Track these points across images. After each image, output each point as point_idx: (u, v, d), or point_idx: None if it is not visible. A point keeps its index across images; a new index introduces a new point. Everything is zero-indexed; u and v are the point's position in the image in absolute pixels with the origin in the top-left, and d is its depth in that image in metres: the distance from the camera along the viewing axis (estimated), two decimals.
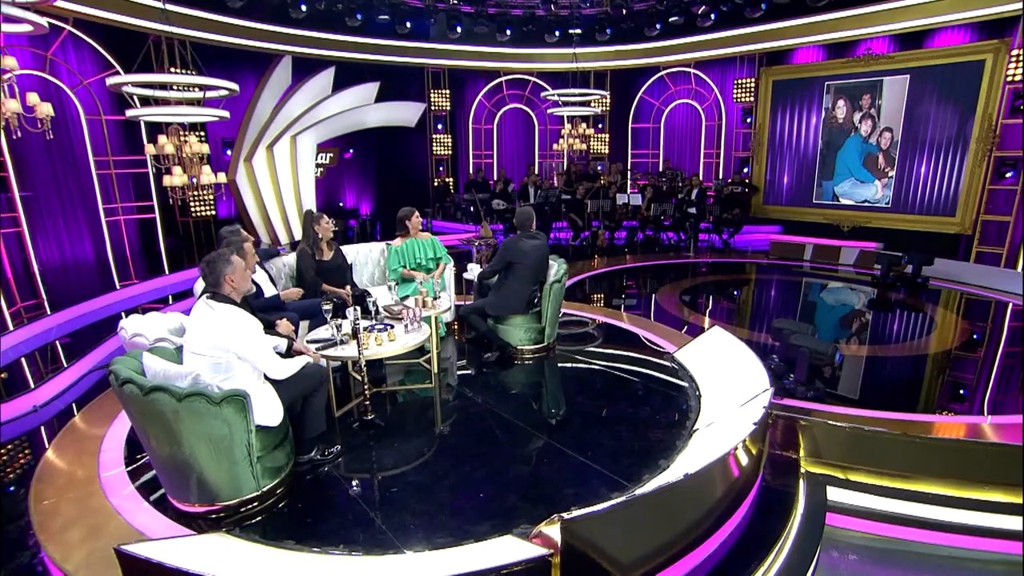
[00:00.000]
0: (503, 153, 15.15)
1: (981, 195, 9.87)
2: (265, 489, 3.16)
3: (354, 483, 3.40)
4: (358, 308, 3.92)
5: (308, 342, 4.09)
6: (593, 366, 5.12)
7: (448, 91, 14.18)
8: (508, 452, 3.72)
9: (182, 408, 2.81)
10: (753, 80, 12.72)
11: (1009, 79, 9.38)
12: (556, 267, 5.35)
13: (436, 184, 14.07)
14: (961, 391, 4.77)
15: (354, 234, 11.89)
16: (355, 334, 3.92)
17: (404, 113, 12.53)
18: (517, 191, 12.27)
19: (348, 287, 5.16)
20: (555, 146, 13.01)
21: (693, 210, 11.57)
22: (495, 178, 13.24)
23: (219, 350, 3.02)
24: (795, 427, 3.76)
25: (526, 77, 14.75)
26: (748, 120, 13.00)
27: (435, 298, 4.94)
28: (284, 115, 11.18)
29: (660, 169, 14.05)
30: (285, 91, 11.41)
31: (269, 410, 3.18)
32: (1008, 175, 9.55)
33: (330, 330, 4.15)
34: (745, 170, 13.15)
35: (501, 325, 5.26)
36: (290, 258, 5.42)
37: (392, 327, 4.24)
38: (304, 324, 4.73)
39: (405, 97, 13.10)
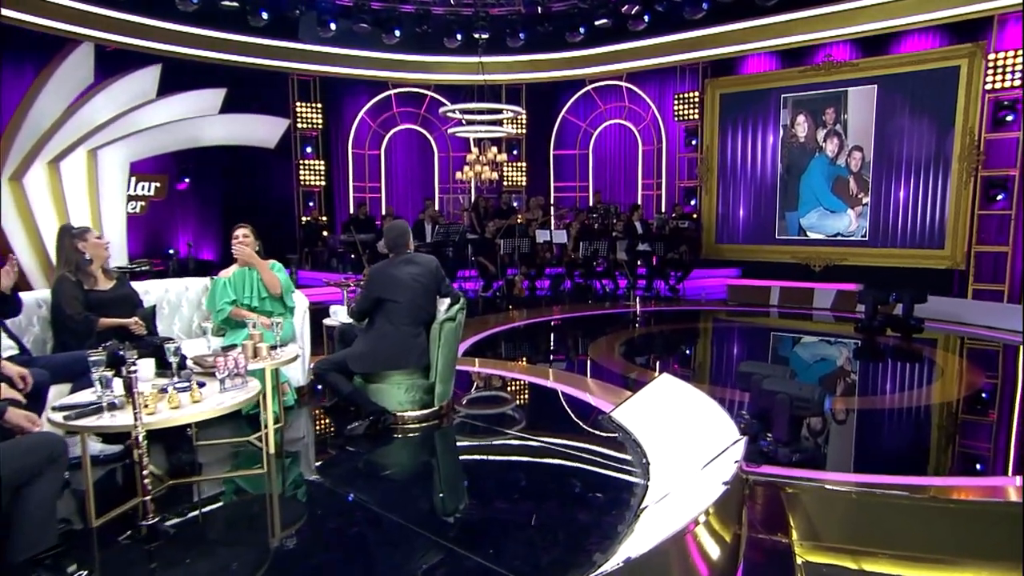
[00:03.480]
0: (394, 185, 14.98)
1: (971, 222, 10.30)
2: None
3: None
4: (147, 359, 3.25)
5: (56, 408, 3.35)
6: (504, 437, 4.74)
7: (320, 105, 13.90)
8: (385, 567, 3.09)
9: None
10: (697, 94, 13.09)
11: (988, 87, 9.98)
12: (447, 301, 4.99)
13: (305, 224, 13.52)
14: (977, 447, 4.80)
15: (168, 267, 11.05)
16: (128, 388, 3.21)
17: (260, 130, 12.09)
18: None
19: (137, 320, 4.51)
20: (459, 174, 12.81)
21: (645, 246, 11.61)
22: (383, 214, 12.85)
23: None
24: (781, 498, 3.56)
25: (421, 90, 14.75)
26: (693, 142, 13.34)
27: (274, 347, 4.33)
28: (79, 121, 10.41)
29: (590, 204, 14.08)
30: (84, 90, 10.68)
31: None
32: (999, 198, 10.03)
33: (96, 389, 3.41)
34: (692, 202, 13.36)
35: (373, 384, 4.76)
36: (42, 293, 4.65)
37: (201, 384, 3.57)
38: (56, 391, 3.92)
39: (263, 110, 12.66)
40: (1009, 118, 9.89)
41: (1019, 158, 9.84)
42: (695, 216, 13.16)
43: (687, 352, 8.10)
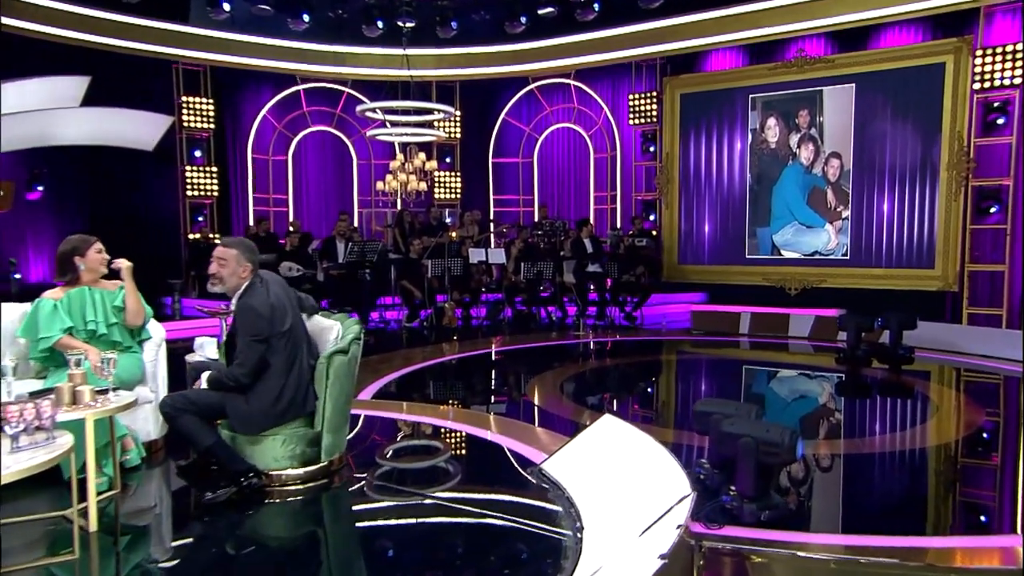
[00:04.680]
0: (304, 196, 14.75)
1: (963, 238, 10.40)
2: None
3: None
4: None
5: None
6: (408, 498, 4.45)
7: (212, 101, 13.49)
8: None
9: None
10: (655, 94, 13.13)
11: (977, 87, 10.14)
12: (337, 327, 4.65)
13: (193, 242, 13.03)
14: (981, 497, 4.81)
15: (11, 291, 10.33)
16: None
17: (135, 129, 11.53)
18: (319, 249, 11.56)
19: None
20: (380, 185, 12.52)
21: (595, 267, 11.58)
22: (289, 231, 12.46)
23: None
24: (745, 568, 3.40)
25: (336, 87, 14.56)
26: (651, 149, 13.37)
27: (104, 391, 3.87)
28: None
29: (536, 219, 14.03)
30: None
31: None
32: (992, 210, 10.15)
33: None
34: (651, 217, 13.36)
35: (243, 435, 4.29)
36: None
37: None
38: None
39: (139, 105, 12.07)
40: (1000, 121, 10.05)
41: (1012, 166, 9.98)
42: (654, 233, 13.14)
43: (643, 389, 8.13)
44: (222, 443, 4.25)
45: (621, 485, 4.03)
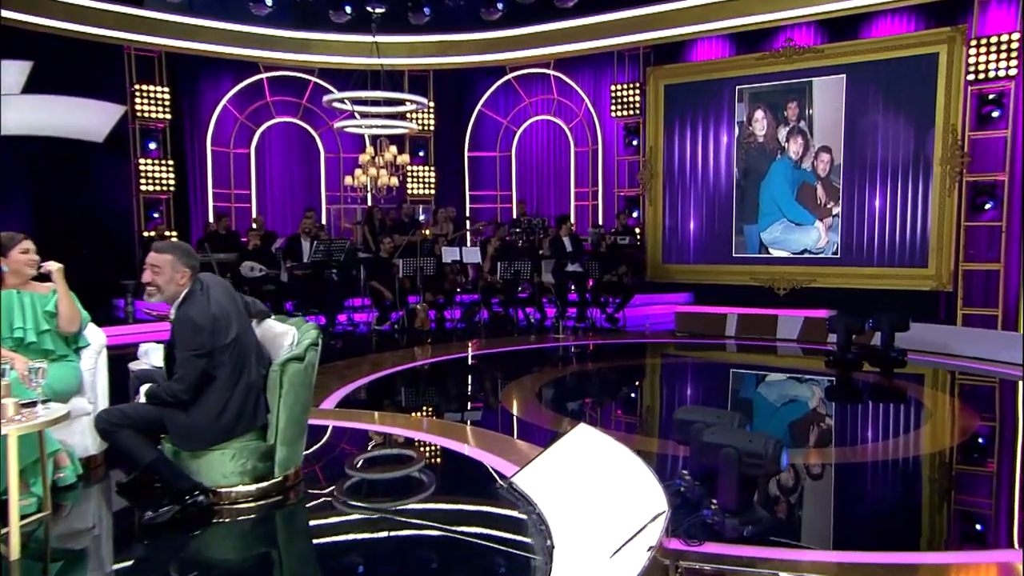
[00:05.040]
0: (268, 192, 14.60)
1: (957, 235, 10.42)
2: None
3: None
4: None
5: None
6: (369, 515, 4.39)
7: (168, 89, 13.26)
8: None
9: None
10: (638, 85, 13.08)
11: (971, 78, 10.15)
12: (292, 332, 4.52)
13: (148, 240, 12.73)
14: (977, 507, 4.79)
15: None
16: None
17: (84, 118, 11.46)
18: (283, 248, 11.39)
19: None
20: (349, 180, 12.37)
21: (575, 266, 11.51)
22: (254, 228, 12.31)
23: None
24: None
25: (302, 75, 14.41)
26: (634, 143, 13.35)
27: (31, 403, 3.73)
28: None
29: (514, 216, 13.97)
30: None
31: None
32: (987, 207, 10.17)
33: None
34: (634, 214, 13.32)
35: (187, 450, 4.16)
36: None
37: None
38: None
39: (88, 92, 12.04)
40: (995, 114, 10.09)
41: (1007, 160, 10.00)
42: (637, 231, 13.10)
43: (625, 395, 8.07)
44: (164, 459, 4.11)
45: (595, 500, 3.97)
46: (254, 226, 12.68)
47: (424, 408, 7.40)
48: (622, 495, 3.84)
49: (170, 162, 13.32)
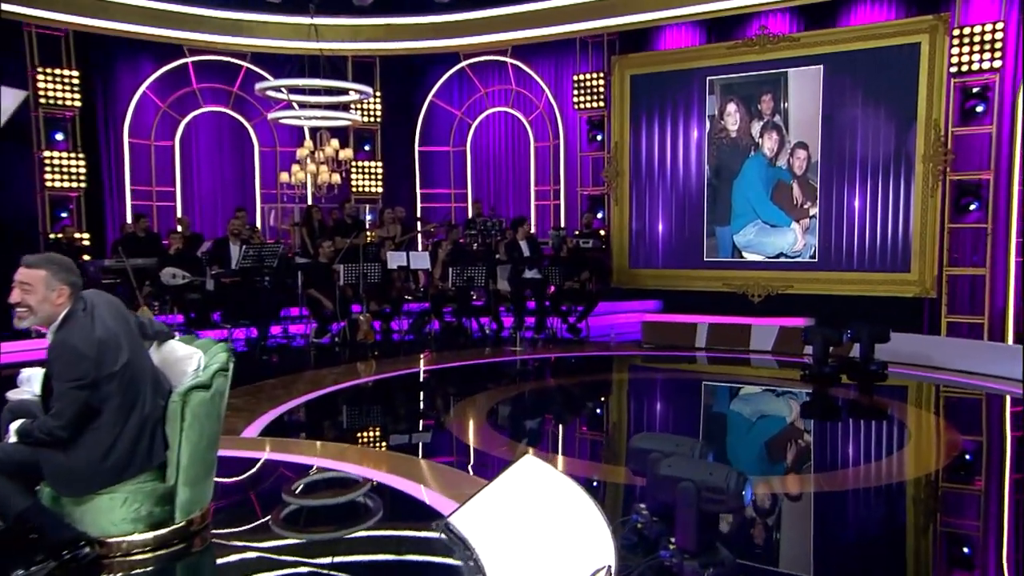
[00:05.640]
0: (195, 189, 14.37)
1: (940, 238, 10.46)
2: None
3: None
4: None
5: None
6: (286, 567, 4.23)
7: (77, 73, 12.88)
8: None
9: None
10: (602, 75, 13.00)
11: (954, 70, 10.18)
12: (198, 356, 4.31)
13: (55, 242, 12.48)
14: (966, 535, 4.84)
15: None
16: None
17: None
18: (209, 253, 11.16)
19: None
20: (285, 176, 12.18)
21: (533, 272, 11.42)
22: (177, 230, 12.08)
23: None
24: None
25: (233, 60, 14.11)
26: (598, 138, 13.28)
27: None
28: None
29: (469, 217, 13.89)
30: None
31: None
32: (972, 208, 10.21)
33: None
34: (599, 215, 13.27)
35: (69, 496, 4.00)
36: None
37: None
38: None
39: None
40: (979, 109, 10.12)
41: (992, 158, 10.07)
42: (602, 233, 13.05)
43: (585, 416, 8.00)
44: (39, 507, 3.85)
45: (537, 546, 3.90)
46: (178, 228, 12.47)
47: (364, 432, 7.28)
48: (568, 541, 3.79)
49: (80, 155, 12.97)
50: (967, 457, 6.14)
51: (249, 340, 10.41)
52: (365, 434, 7.20)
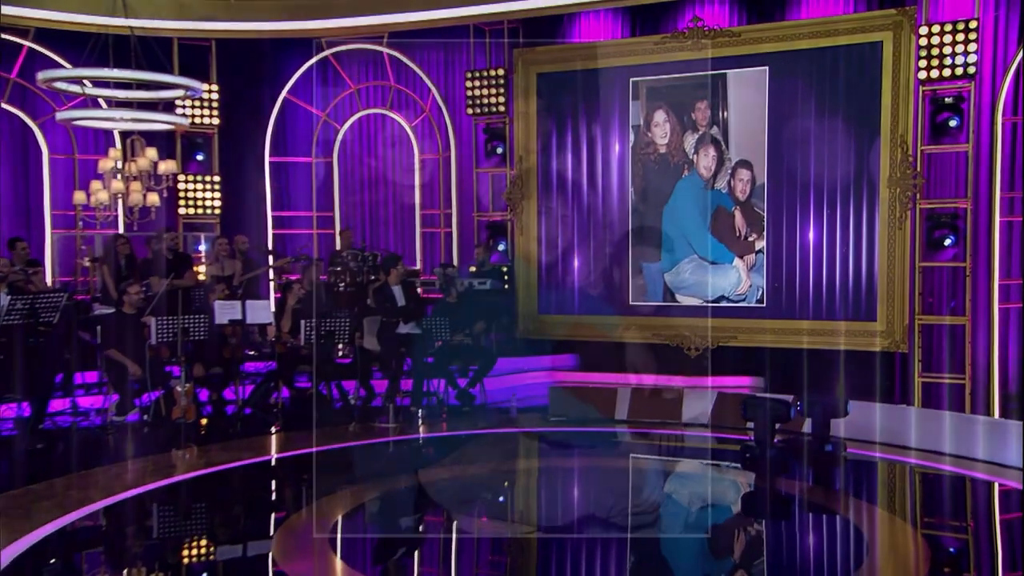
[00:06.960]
0: None
1: (912, 279, 10.43)
2: None
3: None
4: None
5: None
6: None
7: None
8: None
9: None
10: (502, 72, 12.84)
11: (922, 76, 10.20)
12: None
13: None
14: None
15: None
16: None
17: None
18: None
19: None
20: (81, 196, 11.51)
21: (409, 328, 11.09)
22: None
23: None
24: None
25: (11, 39, 13.22)
26: (499, 151, 13.06)
27: None
28: None
29: (337, 248, 13.59)
30: None
31: None
32: (947, 242, 10.19)
33: None
34: (500, 247, 13.06)
35: None
36: None
37: None
38: None
39: None
40: (953, 123, 10.14)
41: (969, 183, 10.10)
42: (504, 270, 12.81)
43: (464, 530, 7.56)
44: None
45: None
46: None
47: (155, 568, 6.50)
48: None
49: None
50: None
51: (20, 421, 9.75)
52: (157, 569, 6.42)
